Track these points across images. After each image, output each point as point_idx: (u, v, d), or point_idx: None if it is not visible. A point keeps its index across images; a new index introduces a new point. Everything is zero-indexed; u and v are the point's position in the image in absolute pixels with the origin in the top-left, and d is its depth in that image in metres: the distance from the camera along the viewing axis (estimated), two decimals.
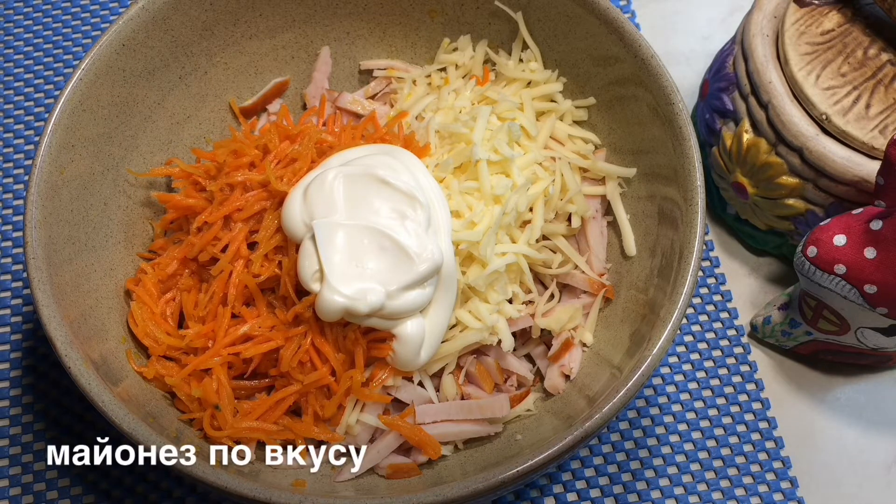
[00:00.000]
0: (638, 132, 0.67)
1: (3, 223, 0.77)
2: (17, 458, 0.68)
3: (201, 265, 0.65)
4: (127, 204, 0.67)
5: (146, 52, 0.67)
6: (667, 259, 0.62)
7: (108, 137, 0.66)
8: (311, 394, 0.61)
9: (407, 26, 0.75)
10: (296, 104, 0.76)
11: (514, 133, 0.67)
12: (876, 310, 0.61)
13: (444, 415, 0.62)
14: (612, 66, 0.68)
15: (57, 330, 0.56)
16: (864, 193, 0.64)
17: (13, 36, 0.86)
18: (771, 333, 0.71)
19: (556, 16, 0.70)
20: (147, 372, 0.62)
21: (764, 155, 0.68)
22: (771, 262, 0.77)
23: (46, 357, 0.71)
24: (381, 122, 0.71)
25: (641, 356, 0.56)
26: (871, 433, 0.71)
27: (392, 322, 0.60)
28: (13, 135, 0.81)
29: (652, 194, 0.67)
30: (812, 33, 0.69)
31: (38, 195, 0.59)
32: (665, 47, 0.85)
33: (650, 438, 0.69)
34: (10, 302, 0.74)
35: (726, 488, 0.68)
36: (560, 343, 0.65)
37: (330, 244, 0.59)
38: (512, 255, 0.64)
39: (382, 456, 0.62)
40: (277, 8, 0.72)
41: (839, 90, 0.66)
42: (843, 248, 0.60)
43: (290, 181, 0.63)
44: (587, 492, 0.68)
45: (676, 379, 0.72)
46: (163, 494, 0.67)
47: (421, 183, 0.62)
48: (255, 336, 0.61)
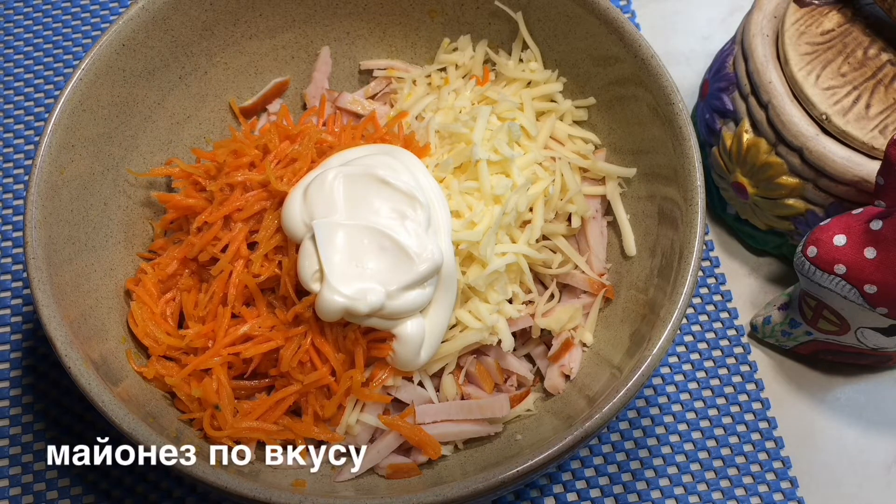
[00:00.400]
0: (638, 132, 0.67)
1: (3, 223, 0.77)
2: (17, 458, 0.68)
3: (201, 265, 0.65)
4: (127, 204, 0.67)
5: (146, 52, 0.67)
6: (667, 259, 0.62)
7: (108, 137, 0.66)
8: (311, 394, 0.61)
9: (407, 26, 0.75)
10: (296, 104, 0.76)
11: (514, 133, 0.67)
12: (876, 310, 0.61)
13: (444, 415, 0.62)
14: (612, 66, 0.68)
15: (57, 330, 0.56)
16: (864, 193, 0.64)
17: (13, 36, 0.86)
18: (771, 333, 0.71)
19: (556, 16, 0.70)
20: (147, 372, 0.62)
21: (764, 155, 0.68)
22: (771, 262, 0.77)
23: (46, 357, 0.71)
24: (381, 122, 0.71)
25: (641, 356, 0.56)
26: (871, 433, 0.71)
27: (392, 322, 0.60)
28: (13, 135, 0.81)
29: (652, 194, 0.67)
30: (812, 33, 0.69)
31: (38, 195, 0.59)
32: (665, 47, 0.85)
33: (650, 438, 0.69)
34: (10, 302, 0.74)
35: (726, 488, 0.68)
36: (560, 343, 0.65)
37: (330, 244, 0.59)
38: (512, 255, 0.64)
39: (382, 456, 0.62)
40: (277, 8, 0.72)
41: (839, 90, 0.66)
42: (843, 248, 0.60)
43: (290, 181, 0.63)
44: (587, 492, 0.68)
45: (676, 379, 0.72)
46: (163, 494, 0.67)
47: (421, 183, 0.62)
48: (255, 336, 0.61)
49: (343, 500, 0.56)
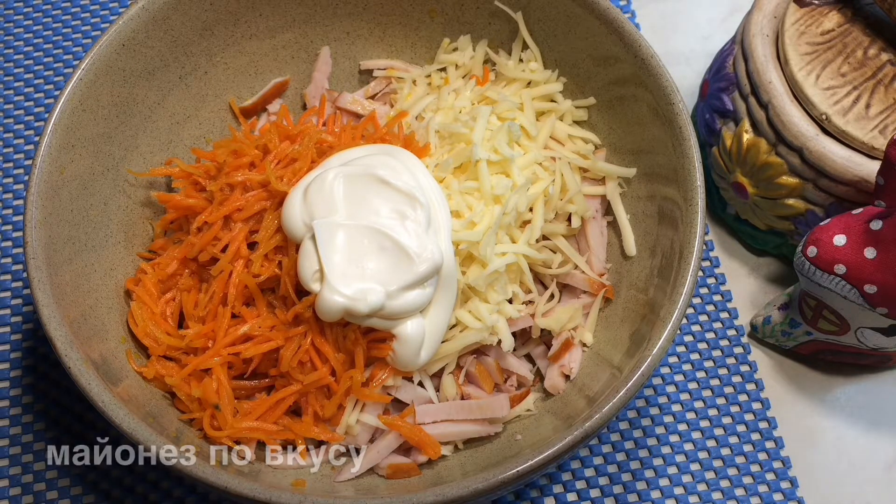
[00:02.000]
0: (638, 132, 0.67)
1: (3, 223, 0.77)
2: (17, 458, 0.68)
3: (201, 265, 0.65)
4: (127, 204, 0.67)
5: (146, 52, 0.67)
6: (667, 259, 0.62)
7: (108, 137, 0.66)
8: (311, 394, 0.61)
9: (407, 26, 0.75)
10: (296, 104, 0.76)
11: (514, 133, 0.67)
12: (876, 310, 0.61)
13: (444, 415, 0.62)
14: (612, 66, 0.68)
15: (57, 330, 0.56)
16: (864, 193, 0.64)
17: (13, 36, 0.86)
18: (771, 333, 0.71)
19: (556, 16, 0.70)
20: (147, 372, 0.62)
21: (764, 155, 0.68)
22: (771, 262, 0.77)
23: (46, 357, 0.71)
24: (381, 122, 0.71)
25: (641, 356, 0.56)
26: (871, 433, 0.71)
27: (392, 322, 0.60)
28: (13, 135, 0.81)
29: (652, 194, 0.67)
30: (812, 33, 0.69)
31: (38, 195, 0.59)
32: (665, 47, 0.85)
33: (650, 438, 0.69)
34: (10, 302, 0.74)
35: (726, 488, 0.68)
36: (560, 343, 0.65)
37: (330, 244, 0.59)
38: (512, 255, 0.64)
39: (382, 456, 0.62)
40: (277, 8, 0.72)
41: (839, 90, 0.66)
42: (843, 248, 0.60)
43: (290, 181, 0.63)
44: (587, 492, 0.68)
45: (676, 379, 0.72)
46: (163, 494, 0.67)
47: (421, 183, 0.62)
48: (255, 336, 0.61)
49: (343, 500, 0.56)
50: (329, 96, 0.75)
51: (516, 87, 0.71)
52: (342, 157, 0.64)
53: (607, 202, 0.69)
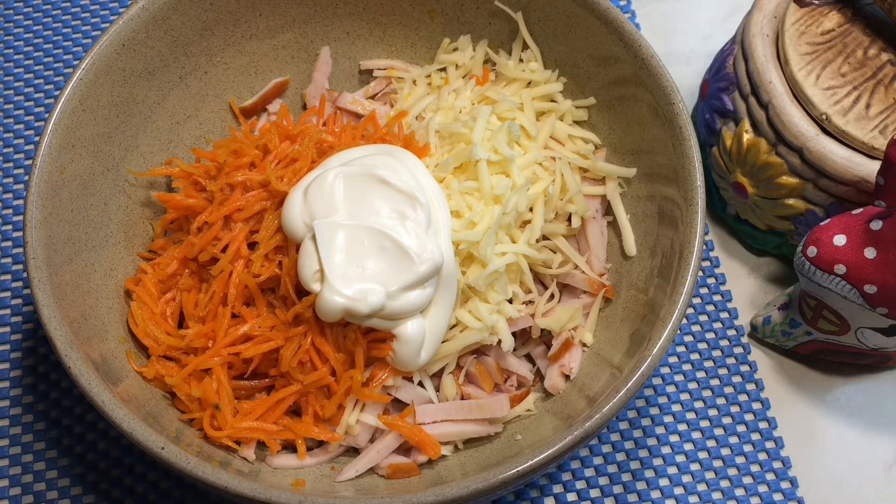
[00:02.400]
0: (638, 132, 0.67)
1: (3, 223, 0.77)
2: (17, 458, 0.68)
3: (201, 265, 0.65)
4: (127, 204, 0.67)
5: (146, 52, 0.67)
6: (667, 259, 0.62)
7: (108, 137, 0.66)
8: (311, 394, 0.61)
9: (407, 26, 0.75)
10: (296, 104, 0.76)
11: (514, 133, 0.67)
12: (876, 310, 0.61)
13: (444, 415, 0.62)
14: (612, 66, 0.68)
15: (57, 330, 0.56)
16: (864, 193, 0.64)
17: (13, 36, 0.86)
18: (771, 333, 0.71)
19: (556, 16, 0.70)
20: (147, 372, 0.62)
21: (764, 155, 0.69)
22: (771, 262, 0.77)
23: (46, 357, 0.71)
24: (381, 122, 0.71)
25: (641, 356, 0.56)
26: (871, 433, 0.71)
27: (392, 322, 0.60)
28: (13, 135, 0.81)
29: (652, 194, 0.67)
30: (812, 33, 0.69)
31: (38, 195, 0.59)
32: (665, 47, 0.85)
33: (650, 438, 0.69)
34: (10, 302, 0.74)
35: (726, 488, 0.68)
36: (560, 343, 0.65)
37: (330, 244, 0.59)
38: (512, 255, 0.64)
39: (382, 456, 0.62)
40: (277, 8, 0.72)
41: (839, 90, 0.66)
42: (843, 248, 0.60)
43: (290, 181, 0.63)
44: (587, 492, 0.68)
45: (676, 379, 0.72)
46: (163, 494, 0.67)
47: (421, 183, 0.62)
48: (255, 336, 0.61)
49: (343, 500, 0.56)
50: (329, 96, 0.75)
51: (516, 87, 0.71)
52: (342, 157, 0.64)
53: (607, 202, 0.69)
